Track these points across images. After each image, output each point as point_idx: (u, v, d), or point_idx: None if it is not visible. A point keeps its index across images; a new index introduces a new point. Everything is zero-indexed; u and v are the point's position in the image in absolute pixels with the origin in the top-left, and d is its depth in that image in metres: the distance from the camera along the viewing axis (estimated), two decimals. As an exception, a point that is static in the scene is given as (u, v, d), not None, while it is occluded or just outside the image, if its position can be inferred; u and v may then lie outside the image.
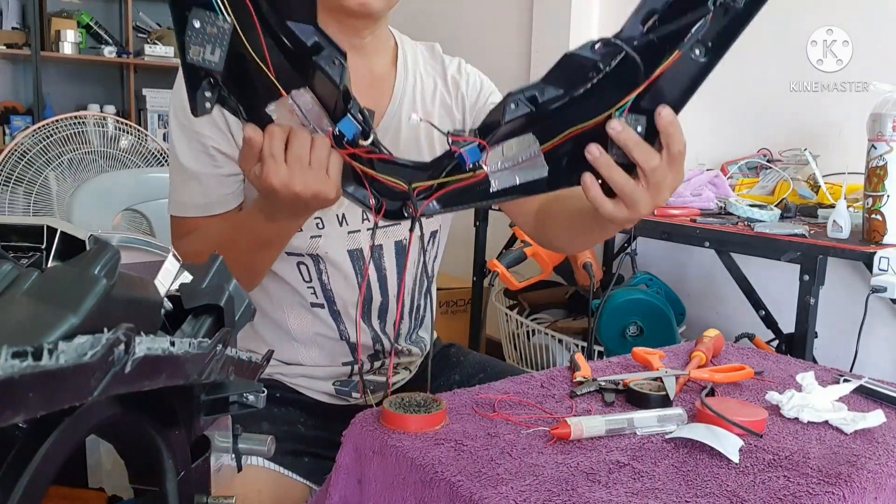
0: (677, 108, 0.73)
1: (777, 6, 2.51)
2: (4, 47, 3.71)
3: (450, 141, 0.78)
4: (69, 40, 3.80)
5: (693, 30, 0.68)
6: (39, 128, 2.34)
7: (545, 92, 0.75)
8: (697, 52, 0.69)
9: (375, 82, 1.08)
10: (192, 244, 1.02)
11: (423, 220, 0.84)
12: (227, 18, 0.67)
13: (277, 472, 1.00)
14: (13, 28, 3.85)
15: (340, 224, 1.06)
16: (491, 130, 0.78)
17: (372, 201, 0.81)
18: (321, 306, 1.09)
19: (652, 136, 0.74)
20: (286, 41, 0.72)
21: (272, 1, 0.70)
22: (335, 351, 1.11)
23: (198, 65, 0.68)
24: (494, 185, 0.81)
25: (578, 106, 0.76)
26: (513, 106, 0.76)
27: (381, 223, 0.85)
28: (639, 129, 0.74)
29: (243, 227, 0.94)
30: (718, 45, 0.69)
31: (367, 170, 0.80)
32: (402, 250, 1.10)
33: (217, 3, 0.67)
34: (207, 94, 0.72)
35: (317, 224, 1.05)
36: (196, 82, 0.71)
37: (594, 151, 0.75)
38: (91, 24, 3.95)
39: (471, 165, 0.79)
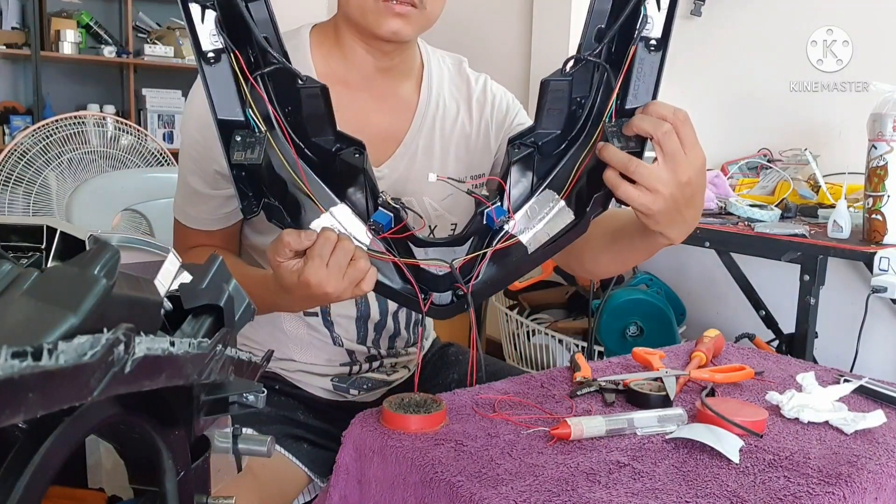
0: (654, 98, 0.82)
1: (777, 6, 2.52)
2: (4, 47, 3.70)
3: (468, 190, 0.89)
4: (69, 40, 3.79)
5: (638, 26, 0.80)
6: (39, 128, 2.34)
7: (539, 127, 0.86)
8: (653, 45, 0.80)
9: (398, 105, 1.08)
10: (194, 255, 1.05)
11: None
12: (261, 129, 0.81)
13: (276, 453, 1.01)
14: (13, 28, 3.84)
15: None
16: (507, 174, 0.87)
17: (420, 295, 0.88)
18: (314, 315, 1.09)
19: (642, 136, 0.81)
20: (314, 156, 0.85)
21: (299, 123, 0.84)
22: (331, 353, 1.11)
23: (241, 162, 0.79)
24: (531, 246, 0.88)
25: (576, 145, 0.86)
26: (515, 150, 0.86)
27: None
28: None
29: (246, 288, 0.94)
30: (664, 32, 0.80)
31: (409, 260, 0.87)
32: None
33: (251, 118, 0.80)
34: (255, 201, 0.83)
35: None
36: (245, 192, 0.82)
37: (599, 145, 0.81)
38: (91, 24, 3.94)
39: (498, 220, 0.86)
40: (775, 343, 1.88)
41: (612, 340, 2.03)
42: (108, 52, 3.90)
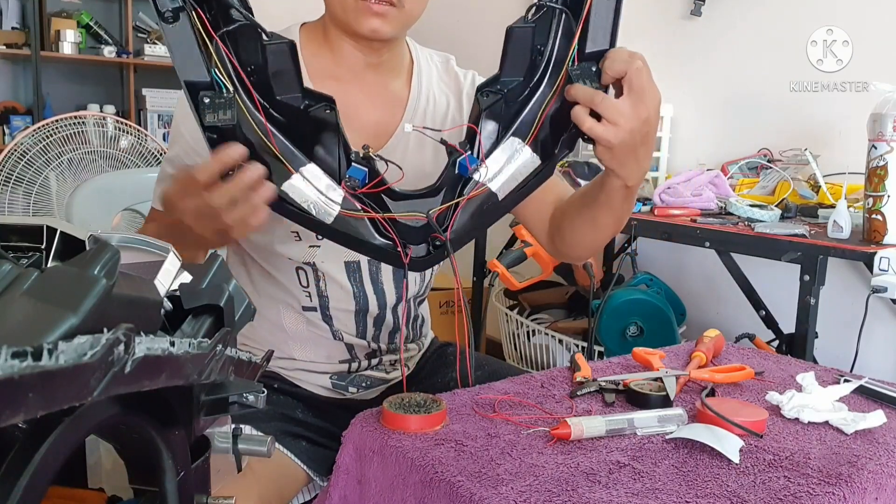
0: (612, 43, 0.85)
1: (777, 6, 2.52)
2: (4, 47, 3.70)
3: (442, 139, 0.90)
4: (69, 40, 3.79)
5: None
6: (39, 128, 2.34)
7: (504, 75, 0.89)
8: None
9: (389, 100, 1.09)
10: (144, 230, 1.05)
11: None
12: (229, 90, 0.79)
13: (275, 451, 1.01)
14: (13, 28, 3.84)
15: None
16: (478, 122, 0.90)
17: (399, 249, 0.88)
18: (313, 310, 1.09)
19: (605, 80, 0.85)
20: (281, 117, 0.84)
21: (264, 82, 0.82)
22: (331, 349, 1.12)
23: (216, 124, 0.78)
24: (501, 193, 0.90)
25: (539, 92, 0.89)
26: (486, 97, 0.89)
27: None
28: (593, 69, 0.85)
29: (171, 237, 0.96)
30: None
31: (386, 215, 0.87)
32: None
33: (218, 78, 0.78)
34: None
35: (316, 235, 1.05)
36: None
37: (568, 87, 0.84)
38: (91, 24, 3.94)
39: (471, 168, 0.88)
40: (775, 343, 1.88)
41: (612, 340, 2.03)
42: (108, 52, 3.90)
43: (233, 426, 0.54)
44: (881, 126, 1.49)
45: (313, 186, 0.84)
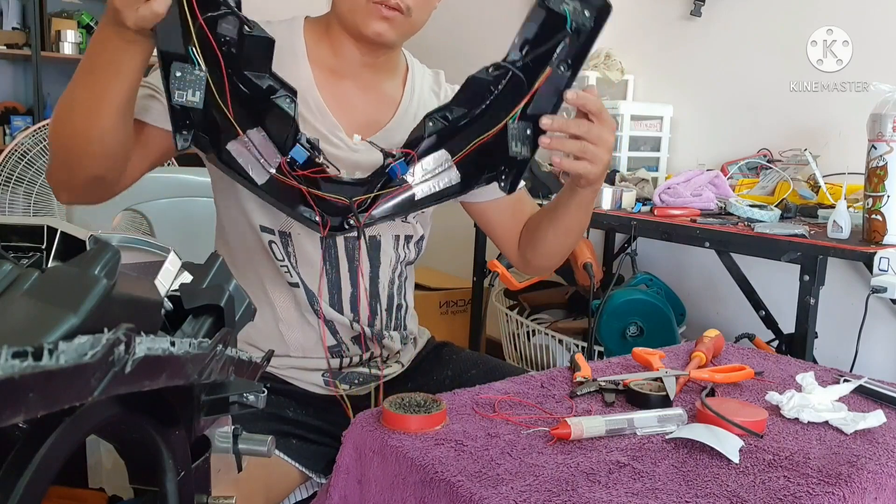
0: (554, 111, 0.93)
1: (777, 6, 2.51)
2: (4, 47, 3.70)
3: (383, 153, 1.00)
4: (69, 40, 3.79)
5: (557, 50, 0.91)
6: (39, 128, 2.34)
7: (454, 110, 0.99)
8: (562, 68, 0.92)
9: (382, 98, 1.13)
10: None
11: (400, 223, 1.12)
12: (202, 68, 0.84)
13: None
14: (13, 28, 3.84)
15: None
16: (417, 144, 0.99)
17: (318, 218, 0.99)
18: (297, 286, 1.10)
19: (536, 136, 0.93)
20: (244, 88, 0.90)
21: (234, 56, 0.88)
22: (319, 332, 1.12)
23: (182, 105, 0.84)
24: (419, 194, 1.01)
25: (480, 122, 0.98)
26: (430, 124, 0.98)
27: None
28: (528, 131, 0.94)
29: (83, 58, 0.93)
30: (576, 61, 0.91)
31: (314, 191, 0.97)
32: (376, 245, 1.13)
33: (193, 55, 0.83)
34: (185, 133, 0.88)
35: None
36: (178, 124, 0.87)
37: (545, 122, 0.91)
38: (91, 24, 3.94)
39: (400, 176, 0.99)
40: (775, 343, 1.88)
41: (612, 340, 2.03)
42: (109, 52, 3.90)
43: (233, 426, 0.54)
44: (881, 126, 1.49)
45: (255, 147, 0.92)
